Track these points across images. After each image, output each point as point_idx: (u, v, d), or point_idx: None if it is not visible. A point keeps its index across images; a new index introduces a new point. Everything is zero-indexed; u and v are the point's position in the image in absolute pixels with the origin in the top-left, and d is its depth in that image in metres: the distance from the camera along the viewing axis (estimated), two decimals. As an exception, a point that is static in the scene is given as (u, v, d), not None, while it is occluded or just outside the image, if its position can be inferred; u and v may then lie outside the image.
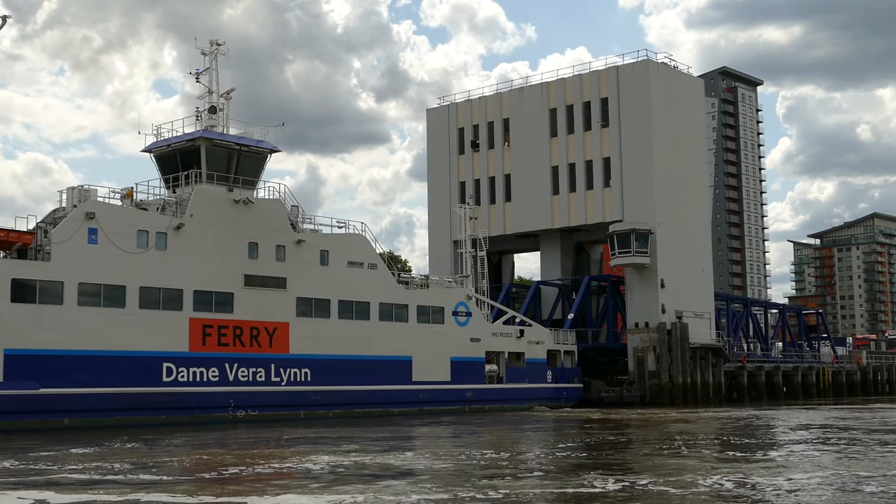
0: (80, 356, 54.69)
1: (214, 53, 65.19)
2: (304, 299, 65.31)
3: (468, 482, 26.70)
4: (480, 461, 33.33)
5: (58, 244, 54.64)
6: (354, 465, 32.19)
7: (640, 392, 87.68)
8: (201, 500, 23.73)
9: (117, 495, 24.49)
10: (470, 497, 23.55)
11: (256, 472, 30.00)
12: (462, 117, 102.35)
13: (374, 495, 23.96)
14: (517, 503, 23.01)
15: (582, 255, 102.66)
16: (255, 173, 64.66)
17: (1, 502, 23.69)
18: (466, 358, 75.17)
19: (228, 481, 27.79)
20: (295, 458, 34.86)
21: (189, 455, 37.35)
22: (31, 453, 36.60)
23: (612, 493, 24.35)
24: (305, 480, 27.70)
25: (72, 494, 24.71)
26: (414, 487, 25.55)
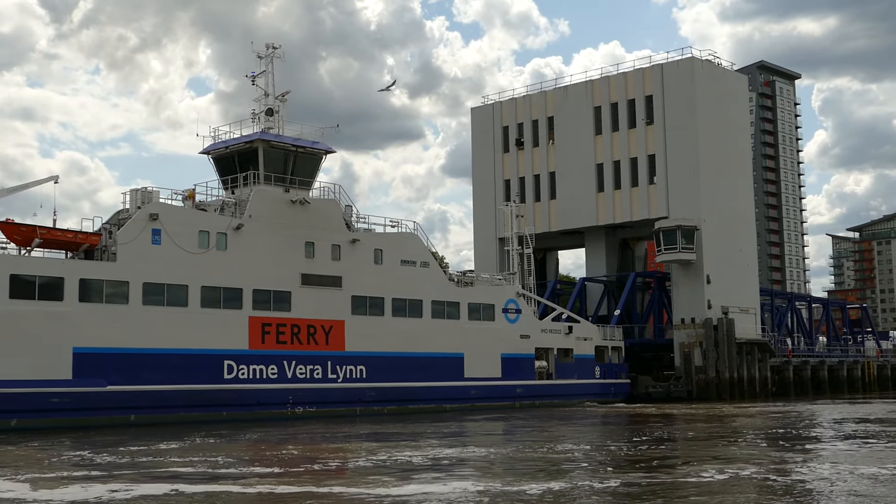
0: (145, 354, 56.07)
1: (270, 56, 66.39)
2: (359, 297, 66.42)
3: (588, 471, 27.64)
4: (580, 453, 34.26)
5: (123, 245, 56.03)
6: (450, 457, 33.23)
7: (686, 387, 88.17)
8: (329, 490, 25.17)
9: (242, 486, 26.02)
10: (597, 483, 24.47)
11: (357, 465, 31.20)
12: (506, 116, 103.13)
13: (488, 485, 24.96)
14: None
15: (626, 251, 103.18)
16: (311, 174, 65.84)
17: (140, 490, 24.95)
18: (517, 354, 76.02)
19: (332, 473, 28.99)
20: (384, 451, 36.03)
21: (275, 449, 38.74)
22: (120, 448, 38.05)
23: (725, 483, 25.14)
24: (406, 472, 28.84)
25: (205, 486, 26.18)
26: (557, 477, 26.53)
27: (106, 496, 24.54)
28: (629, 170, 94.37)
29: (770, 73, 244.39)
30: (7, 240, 53.51)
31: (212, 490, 25.37)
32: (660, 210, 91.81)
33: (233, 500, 24.03)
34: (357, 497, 23.95)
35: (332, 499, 23.90)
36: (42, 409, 51.82)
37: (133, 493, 24.86)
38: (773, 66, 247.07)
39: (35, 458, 35.41)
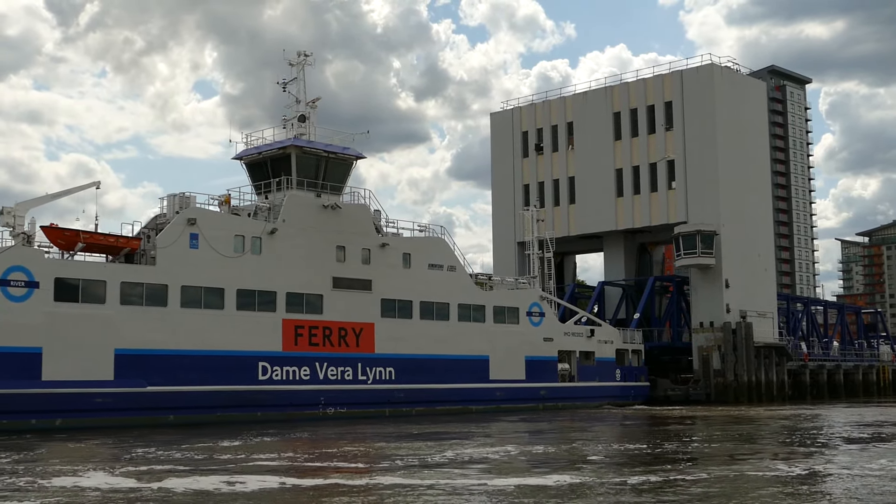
0: (183, 356, 57.35)
1: (301, 64, 67.62)
2: (388, 301, 67.67)
3: (633, 468, 28.87)
4: (639, 451, 35.48)
5: (162, 249, 57.33)
6: (502, 453, 34.48)
7: (705, 390, 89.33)
8: (420, 480, 26.73)
9: (345, 478, 27.79)
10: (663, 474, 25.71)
11: (421, 460, 32.57)
12: (525, 121, 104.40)
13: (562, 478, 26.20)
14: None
15: (644, 255, 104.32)
16: (342, 179, 67.11)
17: (253, 484, 26.35)
18: (540, 357, 77.23)
19: (412, 467, 30.47)
20: (431, 449, 37.33)
21: (338, 445, 40.54)
22: (184, 445, 39.48)
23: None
24: (462, 468, 30.13)
25: (309, 479, 27.75)
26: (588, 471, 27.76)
27: (225, 488, 26.01)
28: (648, 175, 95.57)
29: (780, 78, 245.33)
30: (51, 244, 54.71)
31: (319, 483, 26.86)
32: (679, 215, 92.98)
33: (347, 492, 25.30)
34: (440, 486, 25.61)
35: (422, 488, 25.33)
36: (85, 409, 53.08)
37: (249, 487, 26.29)
38: (784, 71, 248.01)
39: (110, 454, 36.78)
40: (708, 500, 23.18)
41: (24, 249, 52.79)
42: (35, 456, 36.37)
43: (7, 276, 51.36)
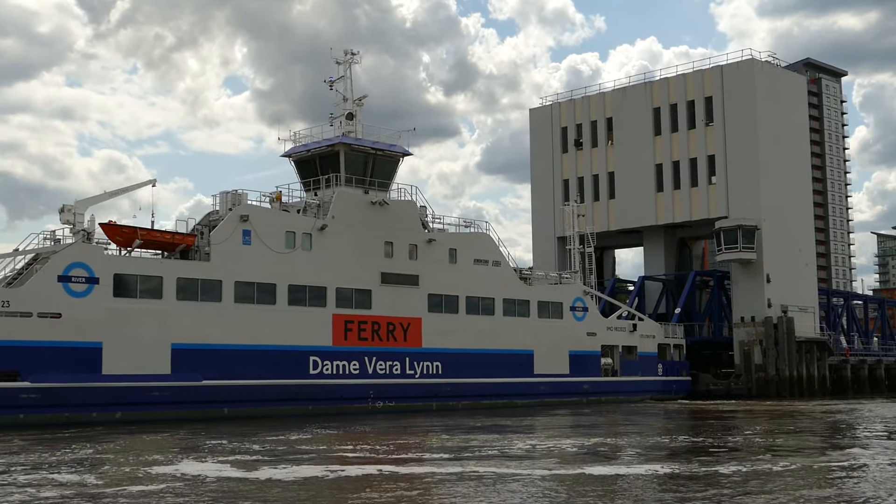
0: (236, 350, 58.49)
1: (349, 62, 68.51)
2: (434, 296, 68.53)
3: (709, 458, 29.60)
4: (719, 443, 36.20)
5: (216, 245, 58.45)
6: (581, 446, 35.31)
7: (747, 385, 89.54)
8: (508, 470, 27.74)
9: (445, 466, 28.98)
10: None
11: (493, 451, 33.54)
12: (565, 116, 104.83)
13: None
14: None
15: (684, 250, 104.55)
16: (389, 176, 67.99)
17: (351, 472, 27.48)
18: (584, 352, 77.86)
19: (490, 455, 31.34)
20: (501, 440, 38.23)
21: (408, 437, 42.09)
22: (254, 437, 40.66)
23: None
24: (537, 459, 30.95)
25: (403, 467, 29.21)
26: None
27: (330, 475, 27.45)
28: (689, 170, 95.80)
29: (816, 71, 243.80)
30: (109, 240, 55.92)
31: (412, 472, 28.17)
32: (719, 210, 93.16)
33: (447, 481, 26.45)
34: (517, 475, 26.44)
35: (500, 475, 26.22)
36: (143, 402, 54.34)
37: (350, 473, 27.73)
38: (820, 64, 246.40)
39: (189, 445, 38.03)
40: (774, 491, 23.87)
41: (84, 246, 54.05)
42: (119, 447, 37.67)
43: (69, 272, 52.64)
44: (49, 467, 29.92)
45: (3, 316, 50.46)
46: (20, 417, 50.00)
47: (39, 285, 51.96)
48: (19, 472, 28.45)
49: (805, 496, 23.13)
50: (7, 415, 49.70)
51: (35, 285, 51.93)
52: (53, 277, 52.29)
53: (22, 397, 50.59)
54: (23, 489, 25.00)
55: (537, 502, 22.53)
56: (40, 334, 51.58)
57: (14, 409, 50.19)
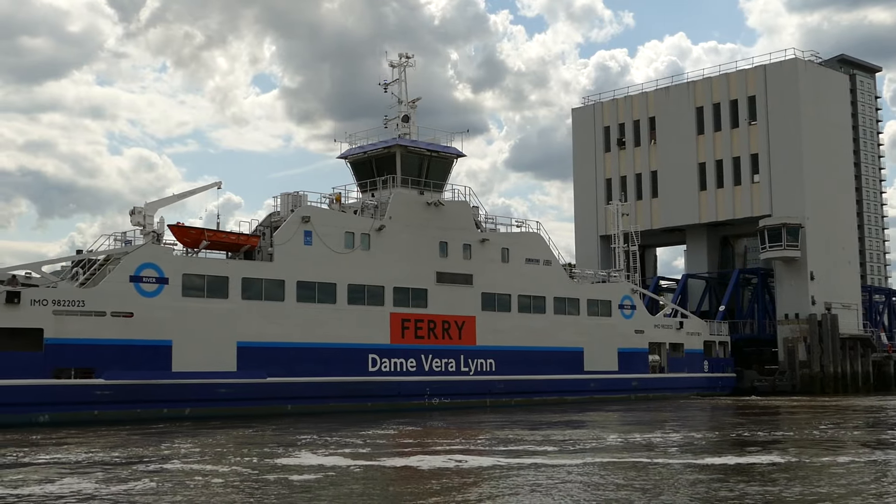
0: (299, 348, 59.96)
1: (403, 66, 69.81)
2: (488, 294, 69.81)
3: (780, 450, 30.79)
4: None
5: (279, 246, 59.94)
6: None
7: (791, 381, 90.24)
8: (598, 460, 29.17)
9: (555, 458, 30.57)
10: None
11: (600, 443, 34.96)
12: (607, 116, 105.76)
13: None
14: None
15: (727, 248, 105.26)
16: (443, 177, 69.29)
17: (474, 462, 29.00)
18: (632, 349, 78.92)
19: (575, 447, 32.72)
20: (583, 434, 39.54)
21: (492, 433, 43.45)
22: (342, 432, 42.50)
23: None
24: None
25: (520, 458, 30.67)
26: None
27: (451, 465, 29.30)
28: (732, 169, 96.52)
29: (851, 67, 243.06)
30: (177, 241, 57.50)
31: (526, 462, 29.75)
32: (763, 208, 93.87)
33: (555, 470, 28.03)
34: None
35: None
36: (211, 398, 55.89)
37: (472, 464, 29.52)
38: (854, 60, 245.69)
39: (285, 440, 39.55)
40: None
41: (154, 247, 55.66)
42: (217, 441, 39.41)
43: (140, 272, 54.27)
44: (182, 458, 31.74)
45: (78, 315, 52.08)
46: (95, 413, 51.62)
47: (112, 285, 53.59)
48: (179, 462, 30.60)
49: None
50: (83, 411, 51.36)
51: (108, 285, 53.57)
52: (125, 277, 53.91)
53: (97, 394, 52.24)
54: (208, 476, 27.03)
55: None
56: (113, 333, 53.21)
57: (90, 405, 51.84)
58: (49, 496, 23.50)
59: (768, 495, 23.13)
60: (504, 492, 23.85)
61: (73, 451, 34.95)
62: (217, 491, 24.58)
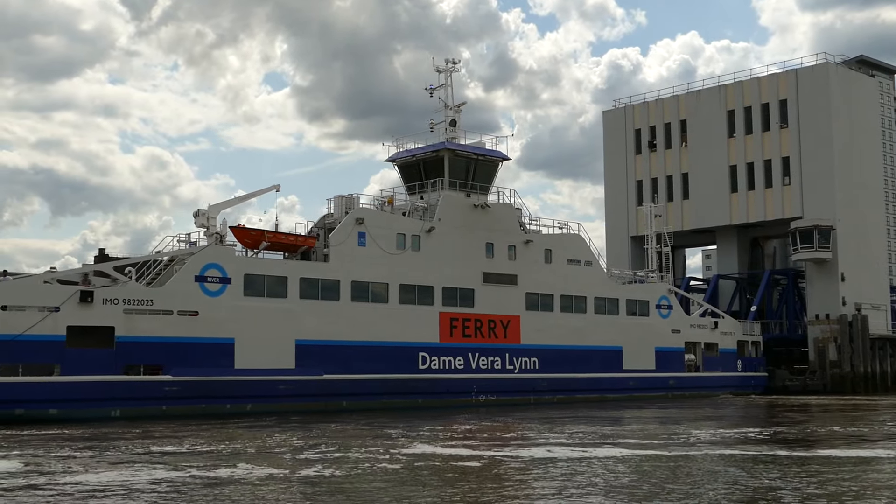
0: (354, 346, 61.80)
1: (449, 71, 71.59)
2: (532, 294, 71.60)
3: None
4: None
5: (335, 247, 61.79)
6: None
7: (822, 380, 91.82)
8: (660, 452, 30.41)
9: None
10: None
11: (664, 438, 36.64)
12: (638, 119, 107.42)
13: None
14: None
15: (756, 249, 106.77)
16: (489, 179, 71.08)
17: (558, 453, 30.85)
18: (669, 348, 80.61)
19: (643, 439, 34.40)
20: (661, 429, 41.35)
21: (565, 427, 45.50)
22: (426, 427, 44.63)
23: None
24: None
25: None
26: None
27: (541, 455, 31.49)
28: (763, 171, 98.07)
29: (869, 68, 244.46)
30: (238, 242, 59.38)
31: (629, 453, 32.03)
32: (794, 210, 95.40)
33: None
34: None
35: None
36: (271, 395, 57.78)
37: (555, 455, 31.46)
38: (873, 61, 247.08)
39: (382, 433, 41.64)
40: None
41: (218, 248, 57.51)
42: (320, 433, 41.72)
43: (204, 272, 56.15)
44: (317, 450, 33.79)
45: (147, 314, 53.99)
46: (163, 409, 53.55)
47: (179, 285, 55.47)
48: (325, 451, 32.87)
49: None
50: (152, 406, 53.32)
51: (175, 285, 55.45)
52: (191, 277, 55.79)
53: (165, 390, 54.17)
54: (380, 464, 29.37)
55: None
56: (180, 331, 55.10)
57: (158, 400, 53.79)
58: (270, 479, 25.92)
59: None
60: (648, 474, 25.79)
61: (226, 443, 37.28)
62: (419, 477, 26.74)
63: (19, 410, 49.57)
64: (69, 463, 29.85)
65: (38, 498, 22.97)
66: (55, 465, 29.37)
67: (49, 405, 50.60)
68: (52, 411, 50.37)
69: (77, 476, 26.49)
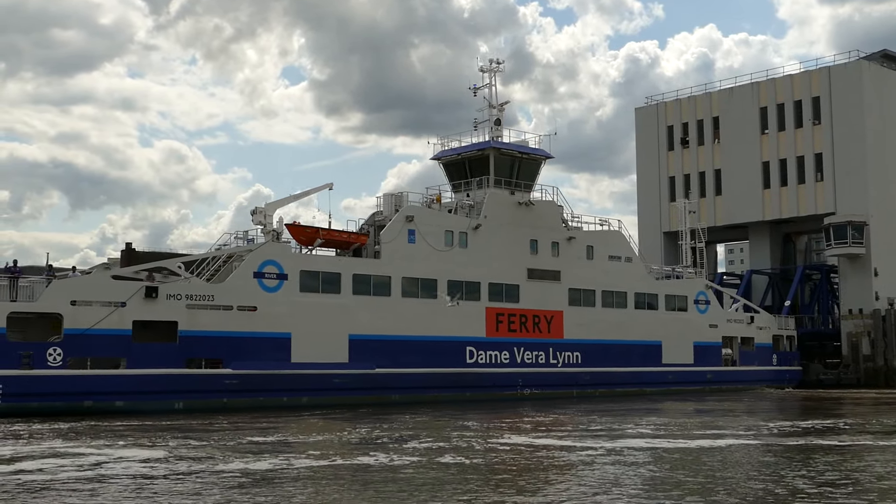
0: (404, 341, 63.34)
1: (494, 71, 72.96)
2: (574, 290, 73.02)
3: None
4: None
5: (386, 244, 63.31)
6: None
7: (855, 374, 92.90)
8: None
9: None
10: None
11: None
12: (671, 115, 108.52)
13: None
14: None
15: (788, 244, 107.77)
16: (532, 177, 72.48)
17: (631, 444, 32.47)
18: (706, 343, 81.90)
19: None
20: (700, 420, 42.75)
21: (643, 419, 47.12)
22: (500, 421, 46.36)
23: None
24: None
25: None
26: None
27: (643, 445, 33.05)
28: (796, 167, 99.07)
29: (893, 62, 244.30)
30: (293, 239, 60.96)
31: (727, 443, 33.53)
32: (826, 206, 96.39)
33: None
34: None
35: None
36: (326, 388, 59.38)
37: (662, 445, 33.13)
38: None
39: (464, 425, 43.23)
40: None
41: (275, 245, 59.10)
42: (403, 425, 43.25)
43: (262, 269, 57.73)
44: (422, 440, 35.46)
45: (208, 309, 55.61)
46: (224, 401, 55.17)
47: (238, 281, 57.08)
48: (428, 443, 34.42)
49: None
50: (213, 399, 54.94)
51: (235, 281, 57.06)
52: (250, 274, 57.38)
53: (225, 383, 55.82)
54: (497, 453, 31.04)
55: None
56: (239, 325, 56.71)
57: (219, 393, 55.44)
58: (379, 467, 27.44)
59: None
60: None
61: (324, 434, 39.12)
62: (555, 463, 28.59)
63: (88, 402, 51.22)
64: (206, 451, 31.37)
65: (224, 480, 24.64)
66: (196, 453, 30.82)
67: (116, 397, 52.27)
68: (119, 403, 52.04)
69: (230, 464, 27.89)
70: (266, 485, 23.81)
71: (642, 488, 23.23)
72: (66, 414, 48.19)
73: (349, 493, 22.88)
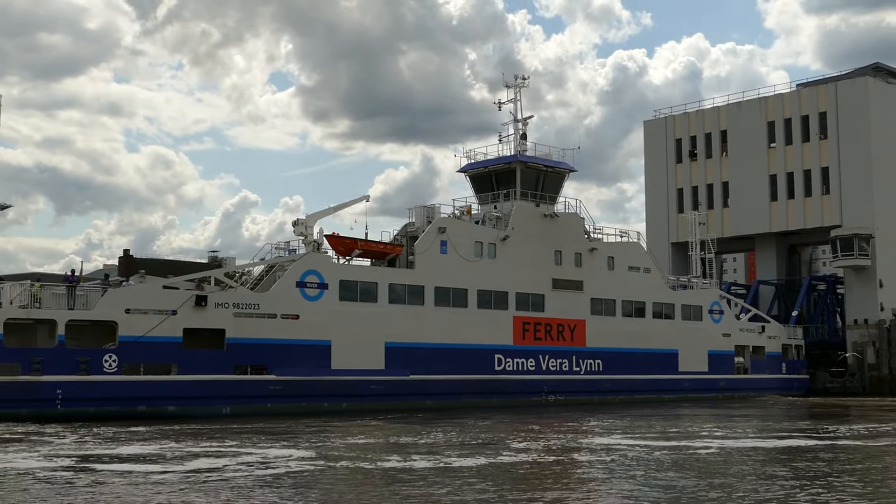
0: (437, 348, 65.43)
1: (519, 87, 75.20)
2: (596, 300, 75.28)
3: None
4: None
5: (420, 254, 65.42)
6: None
7: (861, 383, 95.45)
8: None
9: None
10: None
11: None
12: (679, 129, 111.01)
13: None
14: None
15: (794, 256, 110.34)
16: (557, 190, 74.74)
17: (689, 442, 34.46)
18: (720, 351, 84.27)
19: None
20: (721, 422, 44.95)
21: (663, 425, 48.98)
22: (560, 425, 48.52)
23: None
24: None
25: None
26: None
27: (737, 446, 35.37)
28: (802, 181, 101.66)
29: (886, 74, 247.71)
30: (332, 249, 62.99)
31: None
32: (833, 218, 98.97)
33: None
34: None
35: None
36: (364, 394, 61.41)
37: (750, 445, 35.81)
38: (888, 68, 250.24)
39: (527, 428, 45.84)
40: None
41: (316, 255, 61.14)
42: (479, 429, 45.64)
43: (304, 278, 59.74)
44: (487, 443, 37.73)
45: (254, 317, 57.62)
46: (268, 406, 57.14)
47: (282, 290, 59.08)
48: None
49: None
50: (258, 404, 56.91)
51: (278, 290, 59.06)
52: (292, 283, 59.39)
53: (270, 388, 57.77)
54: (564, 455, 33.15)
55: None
56: (283, 333, 58.72)
57: (264, 398, 57.41)
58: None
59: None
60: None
61: (400, 437, 41.40)
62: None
63: (141, 407, 53.14)
64: (355, 451, 33.82)
65: (391, 475, 27.26)
66: (341, 452, 33.27)
67: (168, 402, 54.19)
68: (171, 408, 53.94)
69: (387, 462, 30.34)
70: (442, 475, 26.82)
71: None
72: (121, 418, 50.04)
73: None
